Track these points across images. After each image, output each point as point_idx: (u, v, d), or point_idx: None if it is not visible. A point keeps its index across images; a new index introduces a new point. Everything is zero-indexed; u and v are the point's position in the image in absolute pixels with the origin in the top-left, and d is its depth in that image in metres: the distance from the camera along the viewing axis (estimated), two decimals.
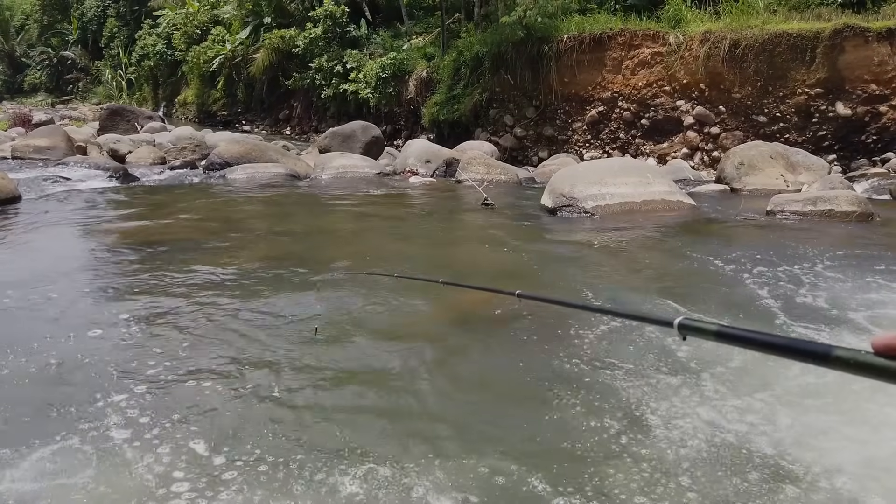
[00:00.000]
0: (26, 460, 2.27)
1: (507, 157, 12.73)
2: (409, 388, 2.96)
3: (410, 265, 5.23)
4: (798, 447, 2.40)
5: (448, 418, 2.70)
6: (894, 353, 0.63)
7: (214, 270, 4.79)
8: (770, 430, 2.53)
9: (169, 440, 2.42)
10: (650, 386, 2.90)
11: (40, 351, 3.24)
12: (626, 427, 2.56)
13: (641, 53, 12.18)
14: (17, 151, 11.63)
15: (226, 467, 2.26)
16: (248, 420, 2.60)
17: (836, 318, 3.78)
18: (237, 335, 3.54)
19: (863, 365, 0.64)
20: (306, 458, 2.31)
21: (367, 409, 2.76)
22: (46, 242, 5.93)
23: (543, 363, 3.20)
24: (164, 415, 2.62)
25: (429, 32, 18.08)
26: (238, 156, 10.91)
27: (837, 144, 10.51)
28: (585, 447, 2.42)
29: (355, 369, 3.14)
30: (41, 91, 41.06)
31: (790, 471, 2.27)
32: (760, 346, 0.73)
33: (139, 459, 2.29)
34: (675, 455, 2.36)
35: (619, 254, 5.63)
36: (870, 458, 2.34)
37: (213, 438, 2.44)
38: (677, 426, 2.56)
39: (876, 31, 10.12)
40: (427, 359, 3.29)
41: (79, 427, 2.50)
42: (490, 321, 3.77)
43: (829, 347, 0.66)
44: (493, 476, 2.23)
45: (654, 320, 0.98)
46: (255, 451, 2.36)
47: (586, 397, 2.81)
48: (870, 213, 6.84)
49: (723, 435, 2.49)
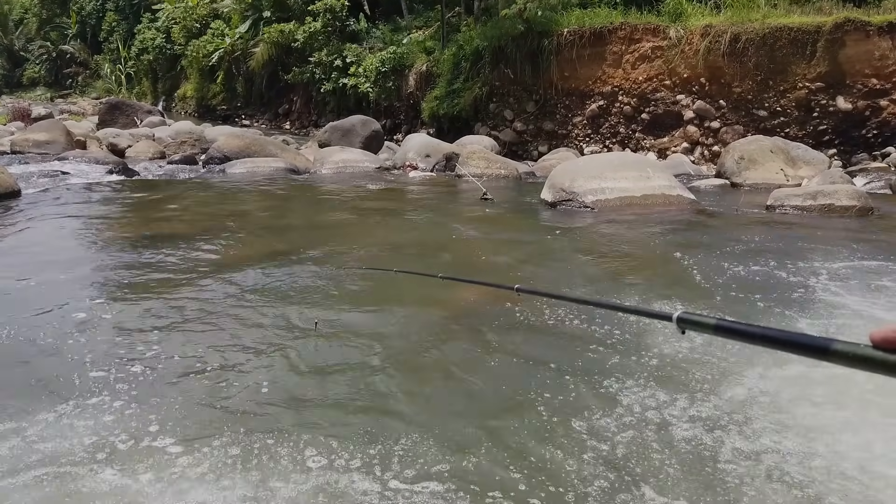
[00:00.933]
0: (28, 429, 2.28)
1: (506, 152, 12.71)
2: (408, 382, 2.97)
3: (409, 259, 5.23)
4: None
5: (448, 413, 2.71)
6: (893, 346, 0.62)
7: (213, 265, 4.79)
8: (776, 426, 2.54)
9: (160, 429, 2.43)
10: (649, 379, 2.90)
11: (41, 342, 3.24)
12: (624, 419, 2.56)
13: (642, 47, 12.14)
14: (16, 146, 11.62)
15: (220, 455, 2.26)
16: (245, 412, 2.61)
17: (835, 312, 3.78)
18: (235, 327, 3.54)
19: (861, 358, 0.63)
20: (300, 451, 2.32)
21: (365, 402, 2.77)
22: (46, 236, 5.93)
23: (542, 357, 3.20)
24: (155, 405, 2.62)
25: (428, 26, 18.03)
26: (238, 150, 10.90)
27: (838, 139, 10.49)
28: (586, 441, 2.43)
29: (353, 363, 3.14)
30: (40, 85, 40.98)
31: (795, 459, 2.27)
32: (759, 340, 0.73)
33: (114, 438, 2.30)
34: (675, 446, 2.37)
35: (619, 248, 5.63)
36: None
37: (205, 427, 2.44)
38: (677, 417, 2.56)
39: (877, 25, 10.09)
40: (427, 353, 3.30)
41: (70, 412, 2.50)
42: (489, 315, 3.77)
43: (828, 341, 0.66)
44: (483, 469, 2.23)
45: (652, 314, 0.98)
46: (250, 440, 2.36)
47: (586, 390, 2.82)
48: (870, 207, 6.84)
49: (725, 427, 2.49)
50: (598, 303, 1.51)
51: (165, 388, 2.83)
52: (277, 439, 2.40)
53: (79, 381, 2.86)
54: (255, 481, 2.15)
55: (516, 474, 2.22)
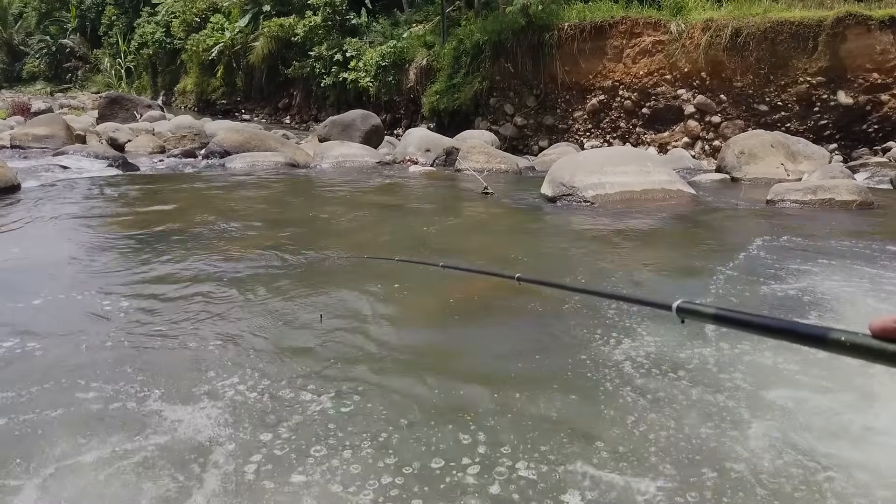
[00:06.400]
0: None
1: (507, 147, 12.70)
2: (412, 373, 2.97)
3: (410, 252, 5.23)
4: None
5: (450, 407, 2.71)
6: (891, 335, 0.62)
7: (213, 257, 4.79)
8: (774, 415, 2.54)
9: (161, 421, 2.43)
10: (649, 368, 2.91)
11: (41, 335, 3.25)
12: (621, 409, 2.56)
13: (643, 42, 12.12)
14: (16, 140, 11.60)
15: (223, 449, 2.27)
16: (247, 402, 2.61)
17: (835, 306, 3.79)
18: (237, 320, 3.54)
19: (860, 347, 0.63)
20: (305, 443, 2.33)
21: (368, 391, 2.77)
22: (46, 230, 5.93)
23: (542, 347, 3.20)
24: (158, 397, 2.63)
25: (429, 20, 17.98)
26: (237, 144, 10.89)
27: (838, 133, 10.49)
28: (585, 432, 2.44)
29: (358, 353, 3.15)
30: (40, 79, 40.91)
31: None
32: (757, 329, 0.73)
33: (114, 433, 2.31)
34: (674, 436, 2.37)
35: (619, 242, 5.63)
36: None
37: (210, 419, 2.45)
38: (676, 406, 2.57)
39: (878, 20, 10.07)
40: (429, 343, 3.30)
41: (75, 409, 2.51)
42: (489, 307, 3.77)
43: (827, 330, 0.66)
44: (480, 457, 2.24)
45: (652, 304, 0.98)
46: (254, 432, 2.37)
47: (585, 382, 2.82)
48: (870, 201, 6.84)
49: (727, 417, 2.50)
50: (598, 292, 1.51)
51: (169, 381, 2.83)
52: (286, 429, 2.41)
53: (79, 377, 2.87)
54: (266, 473, 2.16)
55: (521, 464, 2.23)
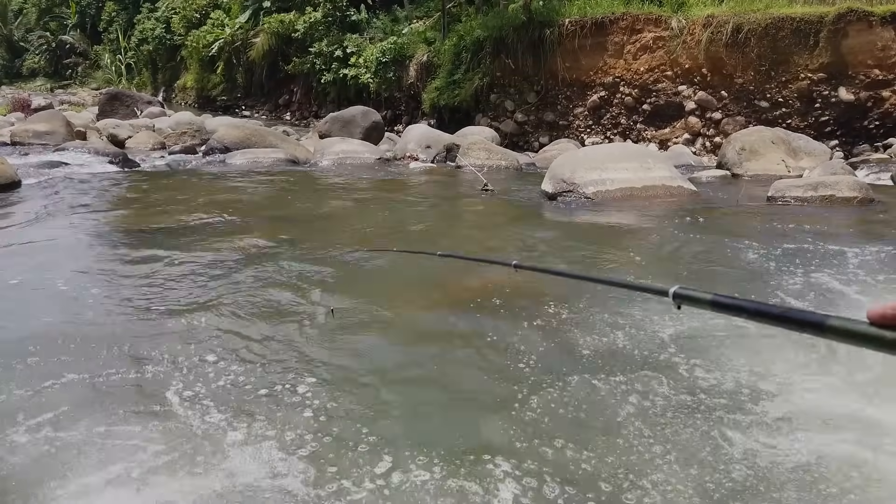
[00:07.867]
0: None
1: (507, 143, 12.67)
2: (419, 366, 2.98)
3: (410, 246, 5.23)
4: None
5: (450, 401, 2.72)
6: (890, 322, 0.62)
7: (215, 253, 4.79)
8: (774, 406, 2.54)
9: (166, 416, 2.44)
10: (647, 357, 2.91)
11: (42, 334, 3.25)
12: (620, 401, 2.57)
13: (643, 38, 12.08)
14: (16, 136, 11.60)
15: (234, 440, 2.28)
16: (258, 398, 2.62)
17: (834, 299, 3.79)
18: (241, 316, 3.54)
19: (858, 335, 0.63)
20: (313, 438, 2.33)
21: (375, 384, 2.78)
22: (46, 227, 5.93)
23: (542, 338, 3.20)
24: (160, 393, 2.63)
25: (429, 16, 17.93)
26: (238, 141, 10.89)
27: (839, 130, 10.46)
28: (584, 423, 2.44)
29: (372, 347, 3.16)
30: (40, 76, 40.83)
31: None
32: (755, 316, 0.73)
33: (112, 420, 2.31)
34: (675, 431, 2.38)
35: (619, 237, 5.63)
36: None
37: (221, 412, 2.46)
38: (675, 396, 2.57)
39: (880, 16, 10.03)
40: (432, 334, 3.31)
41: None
42: (488, 298, 3.77)
43: (824, 317, 0.66)
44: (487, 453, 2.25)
45: (650, 289, 0.99)
46: (267, 425, 2.38)
47: (584, 373, 2.82)
48: (871, 198, 6.83)
49: (728, 408, 2.50)
50: (594, 278, 1.52)
51: (173, 376, 2.84)
52: (300, 419, 2.42)
53: (79, 372, 2.87)
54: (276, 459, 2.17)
55: (524, 458, 2.23)
